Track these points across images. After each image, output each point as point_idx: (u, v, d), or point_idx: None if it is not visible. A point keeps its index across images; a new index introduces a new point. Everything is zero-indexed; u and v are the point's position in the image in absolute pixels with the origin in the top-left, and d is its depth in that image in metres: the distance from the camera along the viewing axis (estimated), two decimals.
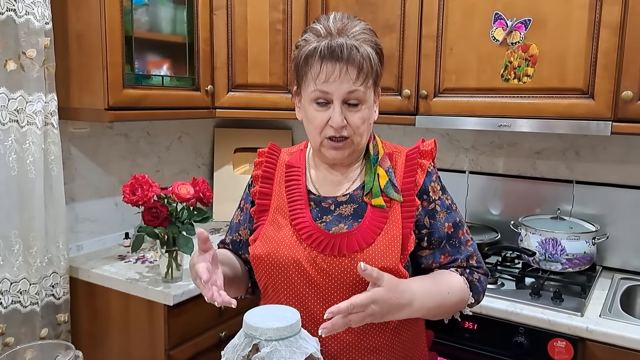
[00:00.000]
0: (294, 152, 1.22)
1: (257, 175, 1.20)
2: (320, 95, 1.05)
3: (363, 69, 1.03)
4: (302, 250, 1.08)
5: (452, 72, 1.87)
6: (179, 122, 2.43)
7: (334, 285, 1.06)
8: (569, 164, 2.06)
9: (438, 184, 1.15)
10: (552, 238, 1.83)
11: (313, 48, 1.04)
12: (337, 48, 1.02)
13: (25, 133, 1.72)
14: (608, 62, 1.62)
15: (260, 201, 1.17)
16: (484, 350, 1.67)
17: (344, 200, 1.12)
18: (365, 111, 1.08)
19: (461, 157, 2.25)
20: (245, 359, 0.91)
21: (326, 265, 1.06)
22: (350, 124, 1.06)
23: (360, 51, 1.02)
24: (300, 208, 1.12)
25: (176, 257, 1.78)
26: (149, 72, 1.93)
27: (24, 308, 1.77)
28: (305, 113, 1.11)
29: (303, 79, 1.08)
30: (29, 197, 1.75)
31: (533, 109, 1.74)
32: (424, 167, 1.13)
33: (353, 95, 1.04)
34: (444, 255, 1.14)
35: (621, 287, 1.82)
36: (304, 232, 1.08)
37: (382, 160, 1.14)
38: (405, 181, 1.12)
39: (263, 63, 2.15)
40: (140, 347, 1.80)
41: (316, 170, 1.17)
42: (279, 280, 1.10)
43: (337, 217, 1.10)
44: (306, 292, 1.07)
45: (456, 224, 1.15)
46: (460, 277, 1.13)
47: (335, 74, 1.02)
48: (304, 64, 1.06)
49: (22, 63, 1.69)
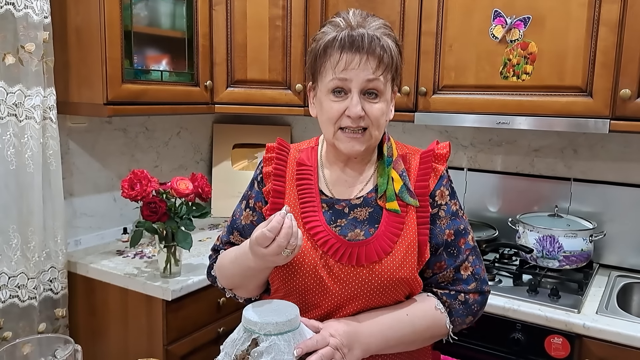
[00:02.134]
0: (304, 149, 1.17)
1: (269, 173, 1.14)
2: (339, 83, 1.02)
3: (384, 60, 1.01)
4: (318, 257, 1.04)
5: (451, 69, 1.87)
6: (178, 117, 2.43)
7: (350, 295, 1.03)
8: (567, 162, 2.06)
9: (447, 188, 1.11)
10: (550, 235, 1.83)
11: (332, 37, 1.02)
12: (358, 37, 1.00)
13: (23, 127, 1.72)
14: (607, 60, 1.62)
15: (274, 199, 1.11)
16: (481, 346, 1.68)
17: (358, 203, 1.09)
18: (384, 104, 1.05)
19: (460, 154, 2.26)
20: (244, 353, 0.91)
21: (343, 275, 1.03)
22: (369, 114, 1.03)
23: (381, 42, 1.01)
24: (313, 210, 1.07)
25: (175, 253, 1.78)
26: (148, 67, 1.92)
27: (22, 302, 1.77)
28: (320, 106, 1.07)
29: (320, 70, 1.05)
30: (28, 191, 1.74)
31: (532, 106, 1.74)
32: (437, 172, 1.10)
33: (372, 84, 1.02)
34: (439, 263, 1.09)
35: (618, 284, 1.83)
36: (319, 238, 1.04)
37: (396, 163, 1.10)
38: (419, 185, 1.09)
39: (262, 59, 2.15)
40: (138, 342, 1.80)
41: (329, 170, 1.13)
42: (292, 286, 1.06)
43: (352, 222, 1.07)
44: (319, 299, 1.05)
45: (459, 231, 1.10)
46: (433, 300, 1.08)
47: (355, 62, 1.00)
48: (322, 54, 1.03)
49: (20, 57, 1.68)
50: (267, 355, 0.89)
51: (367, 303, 1.04)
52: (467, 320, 1.12)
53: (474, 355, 1.67)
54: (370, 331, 1.01)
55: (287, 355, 0.90)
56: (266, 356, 0.89)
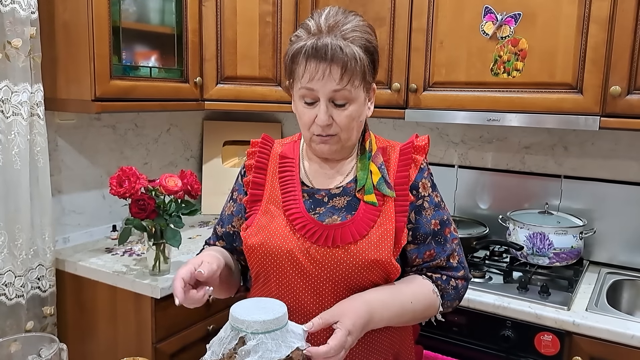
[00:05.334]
0: (287, 143, 1.22)
1: (251, 165, 1.20)
2: (307, 93, 1.06)
3: (348, 69, 1.02)
4: (295, 240, 1.08)
5: (442, 66, 1.86)
6: (168, 114, 2.41)
7: (327, 276, 1.06)
8: (558, 159, 2.07)
9: (429, 180, 1.15)
10: (540, 232, 1.84)
11: (300, 47, 1.04)
12: (322, 48, 1.01)
13: (10, 124, 1.70)
14: (597, 57, 1.62)
15: (253, 191, 1.17)
16: (470, 343, 1.68)
17: (337, 192, 1.12)
18: (354, 109, 1.07)
19: (450, 151, 2.26)
20: (231, 352, 0.91)
21: (319, 256, 1.06)
22: (337, 122, 1.06)
23: (345, 51, 1.01)
24: (294, 199, 1.12)
25: (164, 250, 1.76)
26: (137, 63, 1.90)
27: (9, 301, 1.75)
28: (296, 109, 1.12)
29: (293, 76, 1.09)
30: (15, 188, 1.72)
31: (522, 103, 1.74)
32: (417, 163, 1.14)
33: (339, 94, 1.04)
34: (428, 251, 1.13)
35: (608, 281, 1.83)
36: (297, 223, 1.08)
37: (375, 157, 1.14)
38: (399, 175, 1.12)
39: (252, 55, 2.14)
40: (127, 340, 1.79)
41: (309, 163, 1.18)
42: (271, 270, 1.10)
43: (331, 209, 1.11)
44: (298, 283, 1.07)
45: (443, 221, 1.14)
46: (430, 285, 1.13)
47: (319, 74, 1.02)
48: (291, 62, 1.06)
49: (7, 53, 1.66)
50: (254, 354, 0.88)
51: (343, 284, 1.06)
52: (454, 304, 1.18)
53: (463, 352, 1.67)
54: (380, 319, 1.04)
55: (274, 354, 0.89)
56: (253, 355, 0.88)
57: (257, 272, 1.14)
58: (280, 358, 0.89)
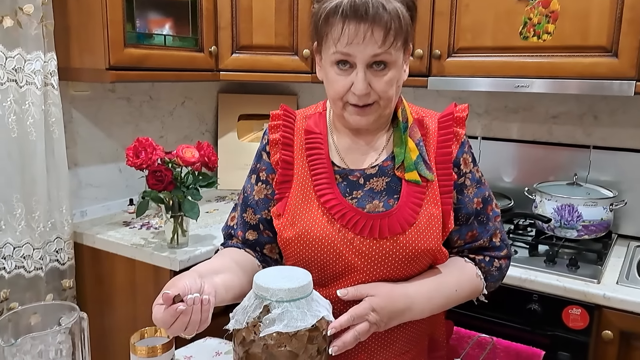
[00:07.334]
0: (311, 115, 1.09)
1: (276, 140, 1.07)
2: (342, 57, 0.94)
3: (391, 30, 0.90)
4: (335, 231, 0.98)
5: (467, 31, 1.78)
6: (182, 86, 2.36)
7: (373, 269, 0.99)
8: (586, 129, 1.99)
9: (470, 155, 1.06)
10: (569, 204, 1.77)
11: (335, 5, 0.91)
12: (362, 6, 0.89)
13: (24, 93, 1.66)
14: (634, 17, 1.53)
15: (283, 170, 1.05)
16: (497, 317, 1.64)
17: (374, 172, 1.03)
18: (394, 73, 0.96)
19: (474, 122, 2.18)
20: (256, 320, 0.87)
21: (366, 249, 0.98)
22: (376, 89, 0.95)
23: (388, 9, 0.90)
24: (327, 182, 1.01)
25: (182, 223, 1.73)
26: (151, 31, 1.85)
27: (28, 273, 1.74)
28: (326, 76, 1.00)
29: (323, 39, 0.96)
30: (30, 160, 1.70)
31: (552, 68, 1.66)
32: (459, 137, 1.04)
33: (380, 57, 0.93)
34: (470, 232, 1.07)
35: (637, 254, 1.77)
36: (335, 211, 0.99)
37: (412, 130, 1.03)
38: (440, 152, 1.03)
39: (268, 23, 2.07)
40: (146, 313, 1.76)
41: (339, 137, 1.07)
42: (311, 262, 1.01)
43: (369, 193, 1.01)
44: (341, 275, 1.00)
45: (485, 199, 1.07)
46: (474, 268, 1.08)
47: (359, 37, 0.90)
48: (324, 23, 0.94)
49: (19, 19, 1.62)
50: (279, 322, 0.85)
51: (390, 275, 1.00)
52: (497, 284, 1.13)
53: (490, 327, 1.63)
54: (421, 311, 0.99)
55: (300, 322, 0.86)
56: (278, 323, 0.85)
57: (294, 263, 1.05)
58: (305, 327, 0.86)
